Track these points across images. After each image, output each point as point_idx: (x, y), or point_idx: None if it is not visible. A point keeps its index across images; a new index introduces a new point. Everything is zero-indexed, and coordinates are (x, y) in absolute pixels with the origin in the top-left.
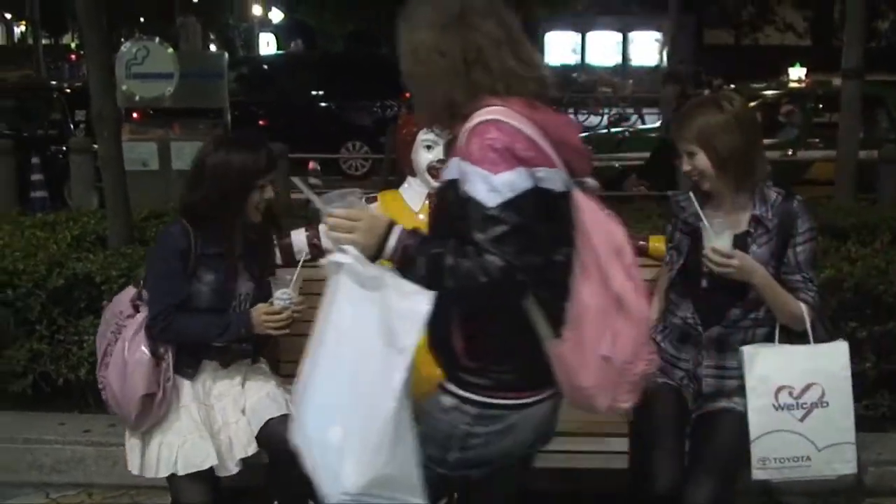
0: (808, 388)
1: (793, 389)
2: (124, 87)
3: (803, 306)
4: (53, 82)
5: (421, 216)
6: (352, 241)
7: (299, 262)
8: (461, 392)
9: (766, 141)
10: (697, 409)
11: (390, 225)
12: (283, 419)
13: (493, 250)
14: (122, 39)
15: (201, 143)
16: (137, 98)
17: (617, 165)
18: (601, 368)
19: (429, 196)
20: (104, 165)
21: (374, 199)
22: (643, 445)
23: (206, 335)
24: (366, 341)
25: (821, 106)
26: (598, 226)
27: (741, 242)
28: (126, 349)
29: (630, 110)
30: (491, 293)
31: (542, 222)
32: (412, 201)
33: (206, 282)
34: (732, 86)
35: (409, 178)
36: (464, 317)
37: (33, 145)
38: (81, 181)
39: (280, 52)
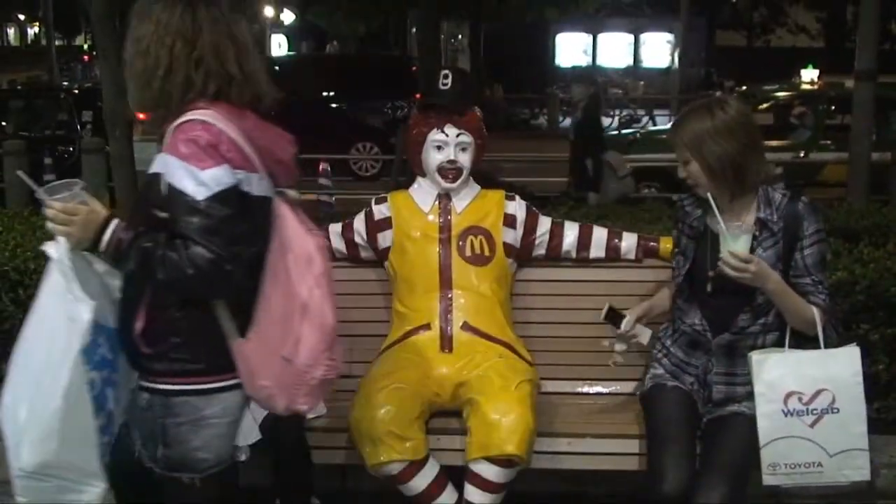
0: (818, 394)
1: (802, 395)
2: None
3: (815, 310)
4: (65, 83)
5: (431, 217)
6: (66, 233)
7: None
8: (149, 384)
9: (778, 142)
10: (708, 414)
11: (108, 219)
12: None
13: (201, 242)
14: None
15: None
16: None
17: (628, 167)
18: (281, 369)
19: (439, 197)
20: (116, 165)
21: (384, 200)
22: (654, 446)
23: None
24: (54, 333)
25: (833, 108)
26: (293, 234)
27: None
28: None
29: (641, 112)
30: (199, 284)
31: (242, 220)
32: (422, 202)
33: None
34: (744, 87)
35: (419, 179)
36: (148, 304)
37: (41, 146)
38: (93, 181)
39: (292, 53)
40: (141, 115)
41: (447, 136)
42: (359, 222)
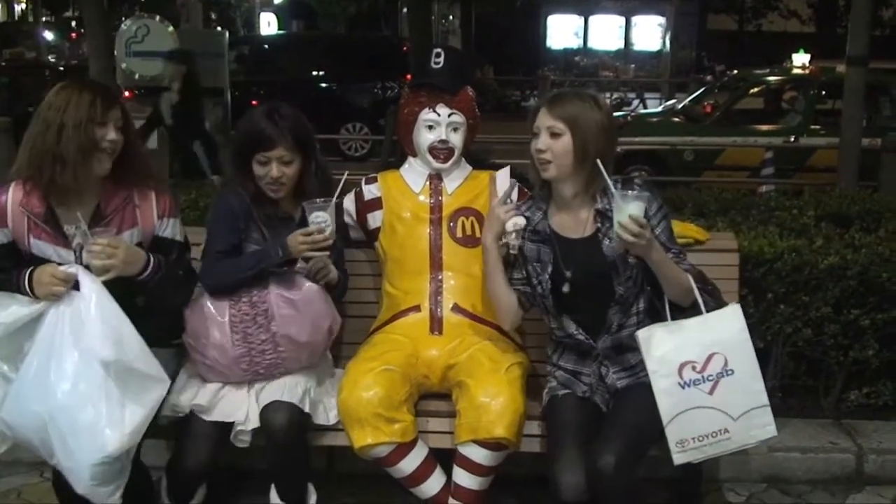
0: (710, 359)
1: (696, 364)
2: (124, 66)
3: (688, 275)
4: (52, 59)
5: (422, 197)
6: (111, 265)
7: (338, 189)
8: None
9: (768, 127)
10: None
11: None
12: (285, 406)
13: None
14: (123, 18)
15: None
16: (137, 76)
17: (618, 150)
18: None
19: (430, 177)
20: None
21: (374, 180)
22: (549, 456)
23: (241, 267)
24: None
25: (824, 93)
26: None
27: (593, 243)
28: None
29: (632, 95)
30: None
31: None
32: (413, 182)
33: (254, 240)
34: (735, 71)
35: (410, 159)
36: None
37: (26, 123)
38: None
39: (281, 32)
40: (127, 93)
41: (439, 115)
42: (349, 202)
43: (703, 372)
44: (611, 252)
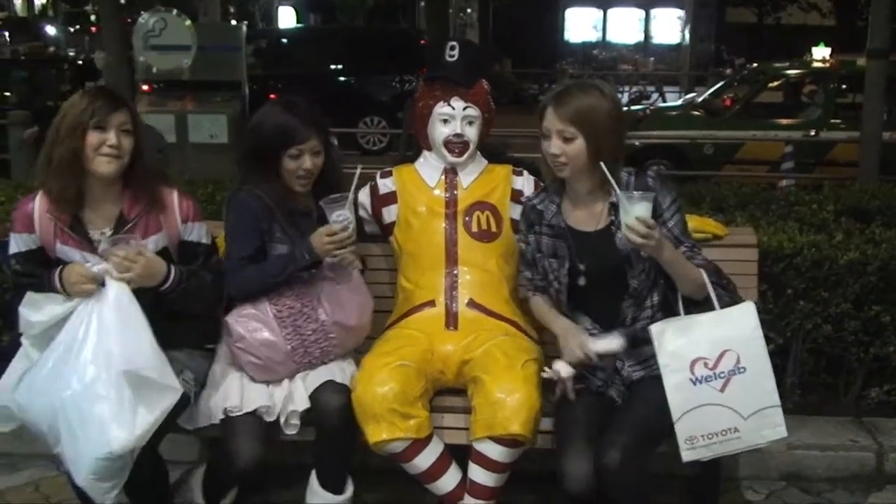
0: (722, 355)
1: (708, 360)
2: (142, 59)
3: (702, 271)
4: (72, 53)
5: (437, 192)
6: (129, 278)
7: (353, 183)
8: None
9: (788, 121)
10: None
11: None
12: (339, 387)
13: None
14: (141, 11)
15: (220, 115)
16: (155, 70)
17: (637, 144)
18: None
19: (445, 171)
20: None
21: (389, 174)
22: (557, 449)
23: (268, 274)
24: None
25: (844, 86)
26: None
27: (607, 236)
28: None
29: (651, 88)
30: None
31: None
32: (428, 176)
33: (277, 239)
34: (754, 64)
35: (425, 153)
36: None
37: (43, 117)
38: None
39: (299, 25)
40: (145, 87)
41: (453, 109)
42: (363, 196)
43: (715, 369)
44: (624, 245)
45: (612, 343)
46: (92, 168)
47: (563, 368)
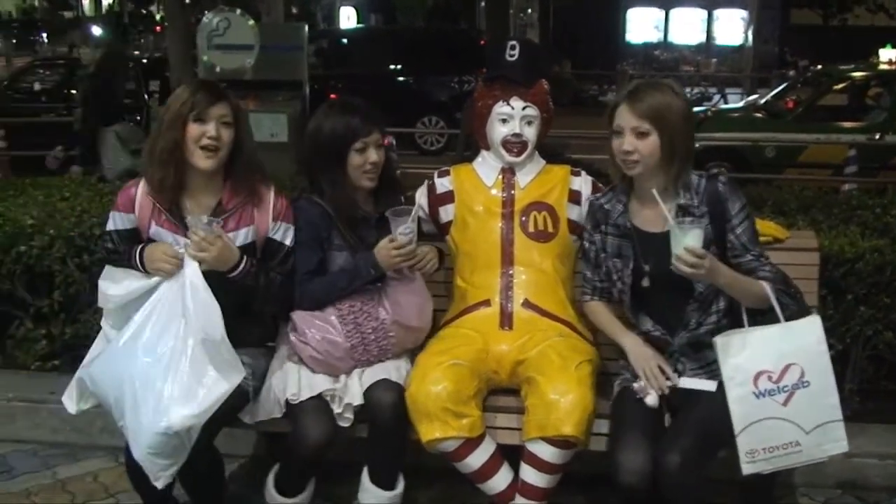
0: (786, 369)
1: (772, 374)
2: (205, 58)
3: (765, 285)
4: (136, 52)
5: (494, 191)
6: (202, 258)
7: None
8: None
9: (852, 124)
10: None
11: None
12: (392, 385)
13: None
14: (205, 11)
15: (280, 114)
16: (218, 69)
17: (698, 145)
18: None
19: (503, 171)
20: None
21: (447, 173)
22: (613, 442)
23: (335, 287)
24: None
25: None
26: None
27: (669, 235)
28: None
29: (713, 90)
30: None
31: None
32: (486, 175)
33: (336, 247)
34: (819, 66)
35: (483, 152)
36: None
37: (110, 115)
38: None
39: (360, 25)
40: None
41: (513, 108)
42: (420, 195)
43: (779, 382)
44: None
45: (700, 384)
46: (192, 160)
47: (650, 399)
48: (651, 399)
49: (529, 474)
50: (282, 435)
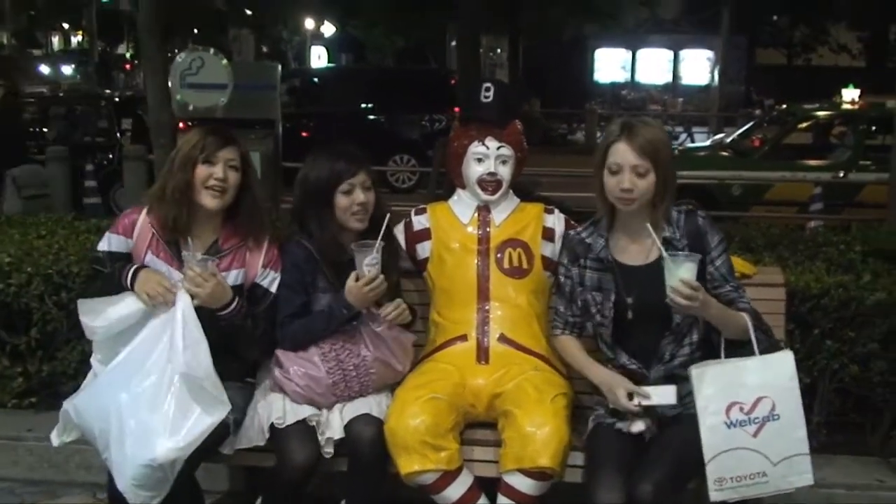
0: (758, 402)
1: (744, 405)
2: (178, 97)
3: (746, 317)
4: (107, 91)
5: (470, 228)
6: (196, 293)
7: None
8: None
9: (817, 162)
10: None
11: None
12: (373, 420)
13: None
14: (176, 50)
15: (253, 152)
16: (191, 108)
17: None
18: None
19: (479, 209)
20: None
21: (424, 211)
22: (587, 479)
23: (313, 329)
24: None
25: (874, 128)
26: None
27: (654, 269)
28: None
29: (680, 129)
30: None
31: None
32: (462, 213)
33: (321, 289)
34: (784, 106)
35: (459, 191)
36: None
37: (82, 153)
38: (134, 187)
39: (331, 65)
40: (181, 125)
41: (488, 148)
42: (398, 233)
43: (750, 414)
44: None
45: (666, 396)
46: (198, 200)
47: (635, 427)
48: (636, 427)
49: None
50: (260, 469)
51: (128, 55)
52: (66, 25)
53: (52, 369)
